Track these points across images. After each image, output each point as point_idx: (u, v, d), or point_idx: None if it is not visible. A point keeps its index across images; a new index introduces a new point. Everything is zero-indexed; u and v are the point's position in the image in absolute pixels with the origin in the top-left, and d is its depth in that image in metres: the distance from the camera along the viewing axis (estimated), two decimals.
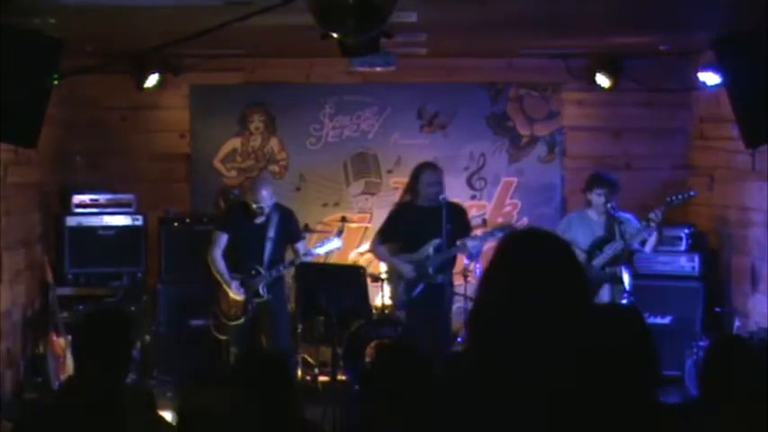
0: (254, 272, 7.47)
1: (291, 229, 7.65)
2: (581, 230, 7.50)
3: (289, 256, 7.65)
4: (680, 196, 7.46)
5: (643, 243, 7.47)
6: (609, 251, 7.42)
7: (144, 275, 8.54)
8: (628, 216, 7.54)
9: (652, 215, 7.30)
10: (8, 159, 7.37)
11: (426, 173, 7.53)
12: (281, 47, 8.22)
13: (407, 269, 7.47)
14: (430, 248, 7.42)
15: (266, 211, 7.44)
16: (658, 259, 8.23)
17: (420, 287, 7.46)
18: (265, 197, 7.44)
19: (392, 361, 4.05)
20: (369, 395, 4.38)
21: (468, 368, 2.54)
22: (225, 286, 7.49)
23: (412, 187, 7.59)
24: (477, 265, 7.84)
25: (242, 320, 7.50)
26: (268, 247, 7.48)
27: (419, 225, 7.45)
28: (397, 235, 7.64)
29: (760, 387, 3.70)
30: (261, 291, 7.46)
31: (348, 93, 9.08)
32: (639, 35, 7.65)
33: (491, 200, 9.18)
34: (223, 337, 7.64)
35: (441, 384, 2.60)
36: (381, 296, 8.14)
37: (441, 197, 7.39)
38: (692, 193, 7.64)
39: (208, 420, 3.72)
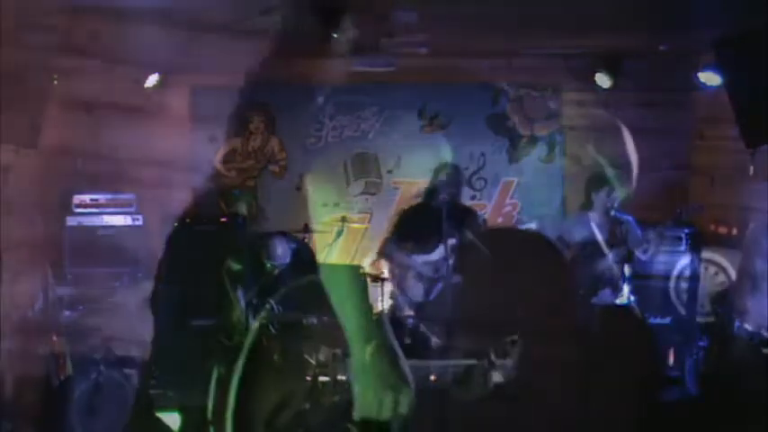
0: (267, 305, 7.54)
1: (305, 261, 7.68)
2: (583, 234, 7.51)
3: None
4: (691, 211, 7.62)
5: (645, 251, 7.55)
6: (612, 255, 7.43)
7: (144, 275, 8.54)
8: (628, 218, 7.57)
9: (665, 231, 7.49)
10: (8, 159, 7.36)
11: (444, 173, 7.55)
12: (281, 47, 8.21)
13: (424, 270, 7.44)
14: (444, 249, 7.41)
15: (279, 270, 7.52)
16: (658, 259, 8.23)
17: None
18: (280, 255, 7.53)
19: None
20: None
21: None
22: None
23: (429, 186, 7.61)
24: None
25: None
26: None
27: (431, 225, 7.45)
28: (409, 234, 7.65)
29: (759, 387, 3.70)
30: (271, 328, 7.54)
31: (348, 93, 9.08)
32: (639, 35, 7.65)
33: (491, 200, 9.17)
34: (229, 343, 7.65)
35: None
36: (381, 296, 8.12)
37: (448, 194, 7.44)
38: (701, 209, 7.78)
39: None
